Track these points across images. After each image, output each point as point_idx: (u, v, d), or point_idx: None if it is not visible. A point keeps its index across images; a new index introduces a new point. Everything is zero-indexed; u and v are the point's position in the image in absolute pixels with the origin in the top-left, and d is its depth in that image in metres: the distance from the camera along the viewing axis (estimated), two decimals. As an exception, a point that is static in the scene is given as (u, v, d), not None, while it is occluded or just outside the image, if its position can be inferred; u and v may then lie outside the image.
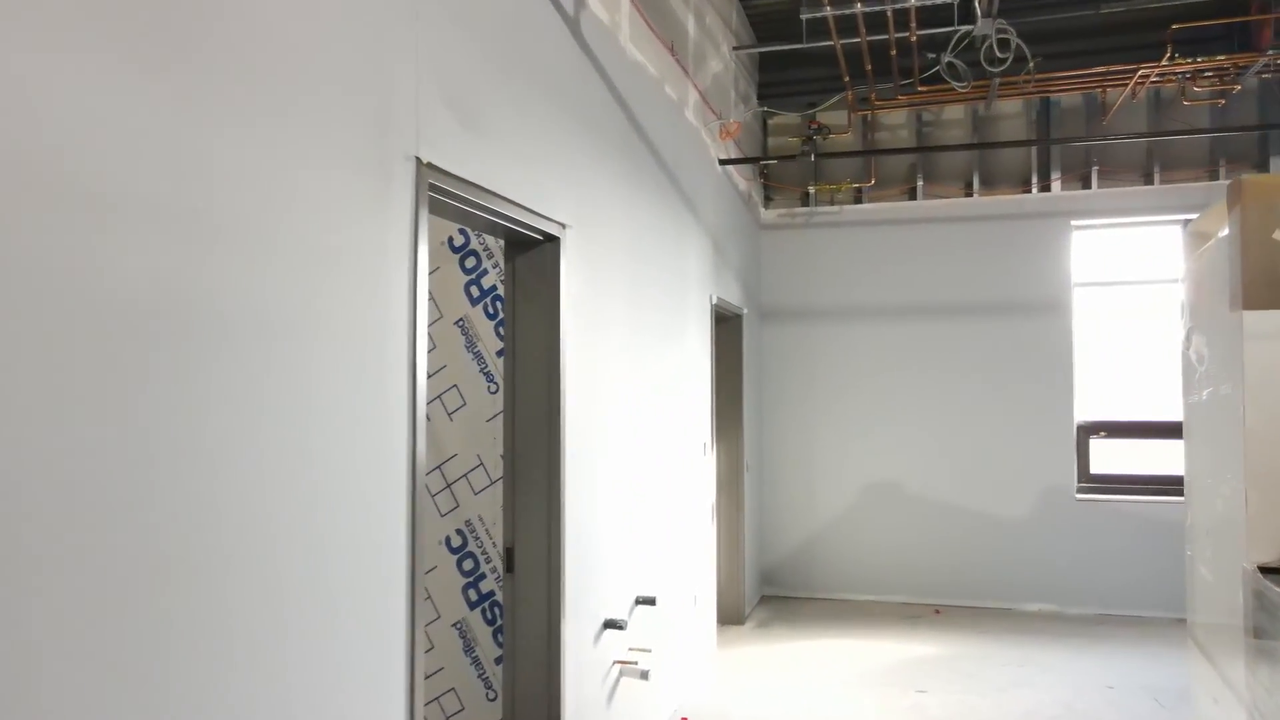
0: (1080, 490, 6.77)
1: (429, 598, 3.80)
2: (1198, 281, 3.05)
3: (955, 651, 5.73)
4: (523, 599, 3.18)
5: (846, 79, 6.33)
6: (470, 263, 3.83)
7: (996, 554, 6.80)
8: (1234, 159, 6.58)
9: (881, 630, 6.23)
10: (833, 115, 6.98)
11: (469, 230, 3.78)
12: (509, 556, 3.18)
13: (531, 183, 2.94)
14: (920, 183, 7.06)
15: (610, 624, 3.61)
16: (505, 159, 2.75)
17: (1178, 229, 6.80)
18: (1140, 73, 5.95)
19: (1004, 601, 6.78)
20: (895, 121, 7.22)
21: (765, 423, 7.32)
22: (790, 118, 7.27)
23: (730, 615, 6.34)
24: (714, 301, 5.55)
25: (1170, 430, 6.74)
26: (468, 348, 3.80)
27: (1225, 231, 2.61)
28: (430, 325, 3.88)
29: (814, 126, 6.83)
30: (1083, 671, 5.35)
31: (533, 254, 3.16)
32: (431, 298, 3.83)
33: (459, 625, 3.79)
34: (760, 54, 7.00)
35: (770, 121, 7.43)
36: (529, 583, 3.17)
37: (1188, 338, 3.20)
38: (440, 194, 2.39)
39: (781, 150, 7.37)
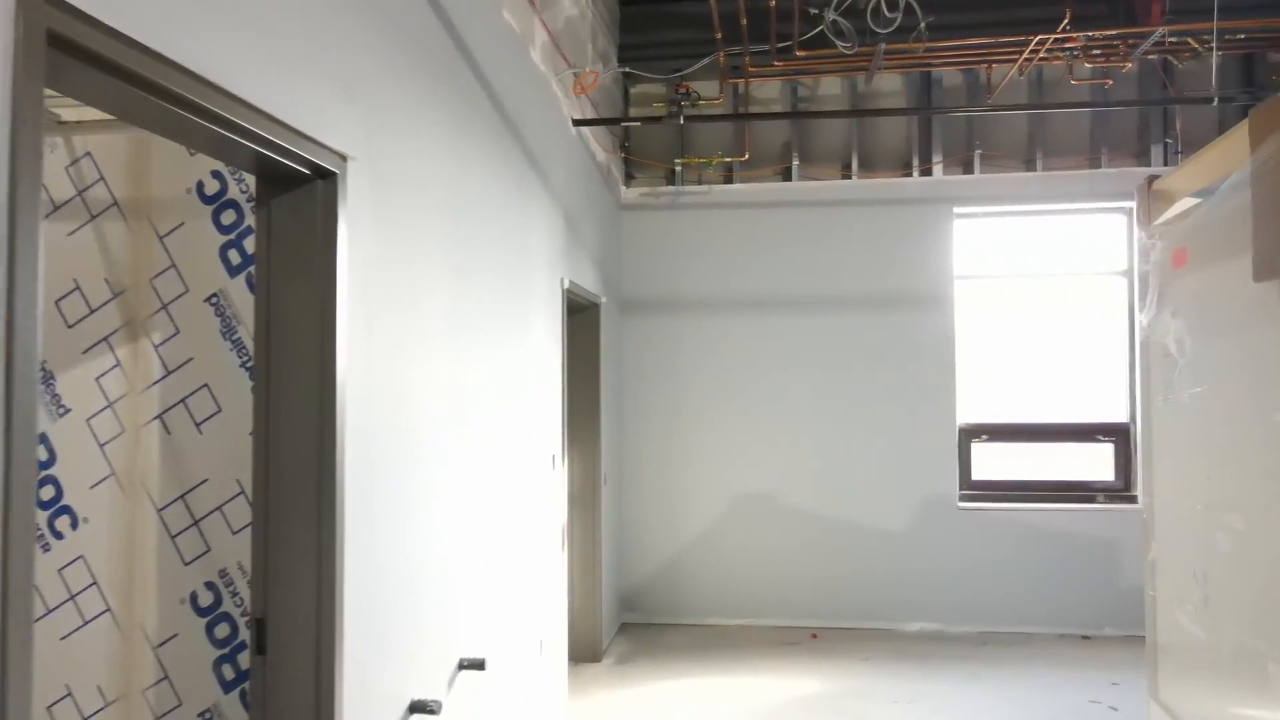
0: (963, 498, 6.28)
1: (165, 678, 2.76)
2: (1174, 253, 2.43)
3: (838, 688, 5.07)
4: (280, 688, 2.21)
5: (718, 35, 5.59)
6: (228, 218, 2.80)
7: (876, 570, 6.23)
8: (1115, 147, 6.25)
9: (755, 662, 5.52)
10: (703, 86, 6.24)
11: (226, 172, 2.76)
12: (259, 631, 2.20)
13: (283, 79, 1.98)
14: (795, 162, 6.41)
15: (418, 707, 2.67)
16: (230, 27, 1.78)
17: (1060, 219, 6.42)
18: (1033, 45, 5.47)
19: (884, 621, 6.21)
20: (769, 95, 6.55)
21: (626, 428, 6.51)
22: (655, 87, 6.49)
23: (585, 651, 5.48)
24: (566, 286, 4.67)
25: (1054, 433, 6.35)
26: (225, 334, 2.78)
27: (1236, 178, 1.96)
28: (171, 303, 2.84)
29: (682, 91, 6.06)
30: (977, 707, 4.78)
31: (295, 196, 2.19)
32: (174, 266, 2.79)
33: (208, 716, 2.76)
34: (622, 9, 6.18)
35: (633, 91, 6.63)
36: (289, 666, 2.20)
37: (1152, 324, 2.58)
38: (75, 53, 1.41)
39: (646, 130, 6.57)
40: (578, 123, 4.93)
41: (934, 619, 6.17)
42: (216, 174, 2.79)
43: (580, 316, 5.52)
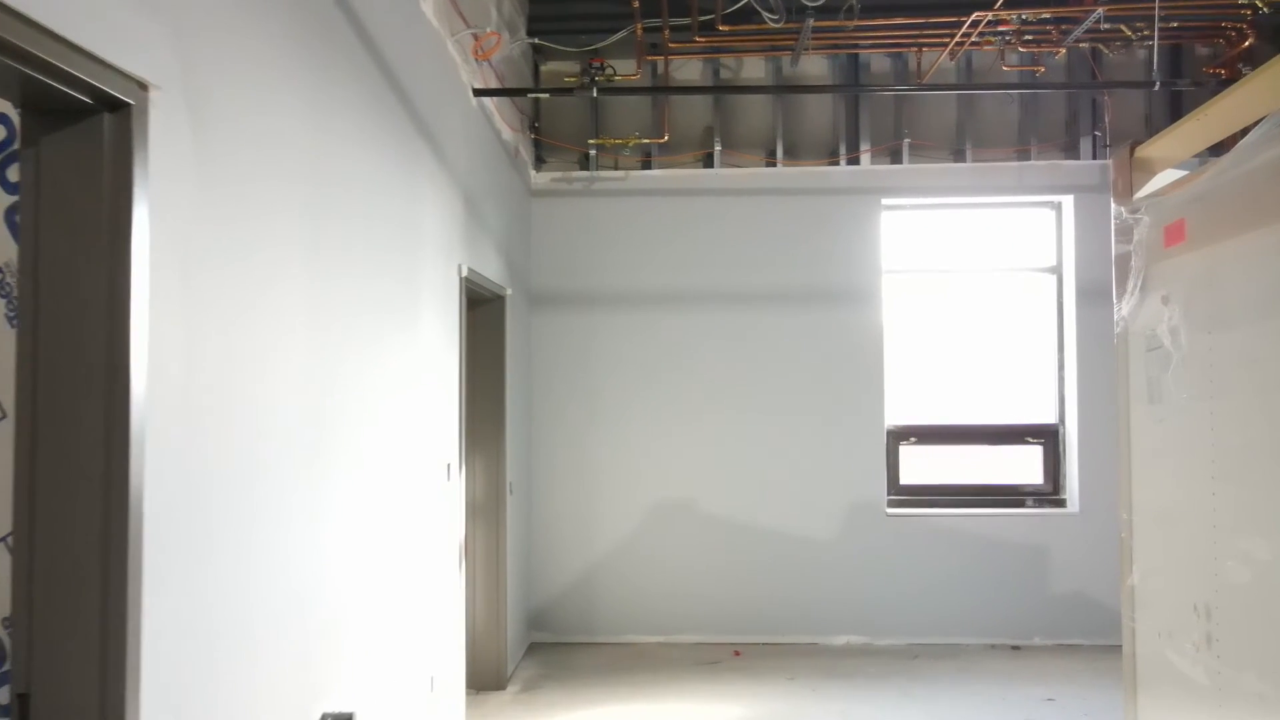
0: (891, 504, 5.98)
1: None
2: (1167, 229, 2.08)
3: (762, 712, 4.68)
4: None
5: (636, 5, 5.15)
6: (18, 174, 2.24)
7: (801, 580, 5.88)
8: (1044, 139, 6.04)
9: (674, 685, 5.09)
10: (620, 65, 5.79)
11: (14, 113, 2.18)
12: (22, 710, 1.65)
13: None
14: (717, 148, 6.01)
15: (261, 787, 2.15)
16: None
17: (988, 214, 6.18)
18: (966, 26, 5.18)
19: (810, 634, 5.87)
20: (689, 76, 6.14)
21: (536, 432, 6.01)
22: (567, 64, 6.01)
23: (488, 678, 4.96)
24: (465, 275, 4.16)
25: (982, 435, 6.10)
26: (8, 315, 2.21)
27: (1271, 127, 1.60)
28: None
29: (597, 64, 5.59)
30: (913, 729, 4.45)
31: (73, 133, 1.65)
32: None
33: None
34: (531, -23, 5.69)
35: (543, 68, 6.13)
36: (69, 758, 1.66)
37: (1134, 313, 2.24)
38: None
39: (556, 102, 6.09)
40: (479, 92, 4.41)
41: (861, 631, 5.85)
42: (3, 118, 2.22)
43: (483, 310, 5.01)
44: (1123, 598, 2.26)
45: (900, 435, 6.07)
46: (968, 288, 6.16)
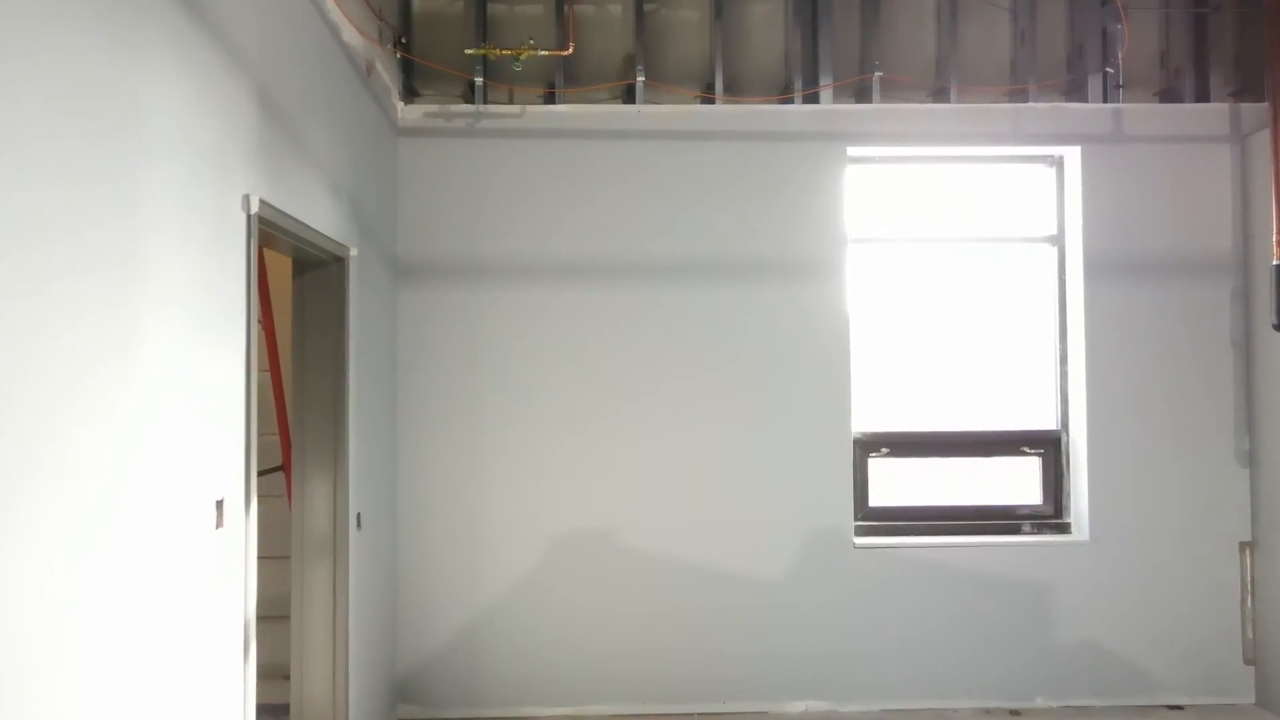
0: (859, 531, 4.75)
1: None
2: None
3: (703, 835, 3.38)
4: None
5: None
6: None
7: (748, 633, 4.60)
8: (1045, 77, 4.89)
9: (582, 788, 3.76)
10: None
11: None
12: None
13: None
14: (640, 79, 4.70)
15: None
16: None
17: (975, 170, 5.00)
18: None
19: (758, 701, 4.59)
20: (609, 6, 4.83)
21: (403, 444, 4.61)
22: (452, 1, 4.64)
23: (320, 790, 3.56)
24: (254, 210, 2.75)
25: (969, 445, 4.92)
26: None
27: None
28: None
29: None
30: None
31: None
32: None
33: None
34: None
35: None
36: None
37: None
38: None
39: (435, 24, 4.71)
40: (289, -50, 3.01)
41: (824, 695, 4.60)
42: None
43: (313, 276, 3.61)
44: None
45: (869, 445, 4.84)
46: (950, 262, 4.97)
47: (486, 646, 4.57)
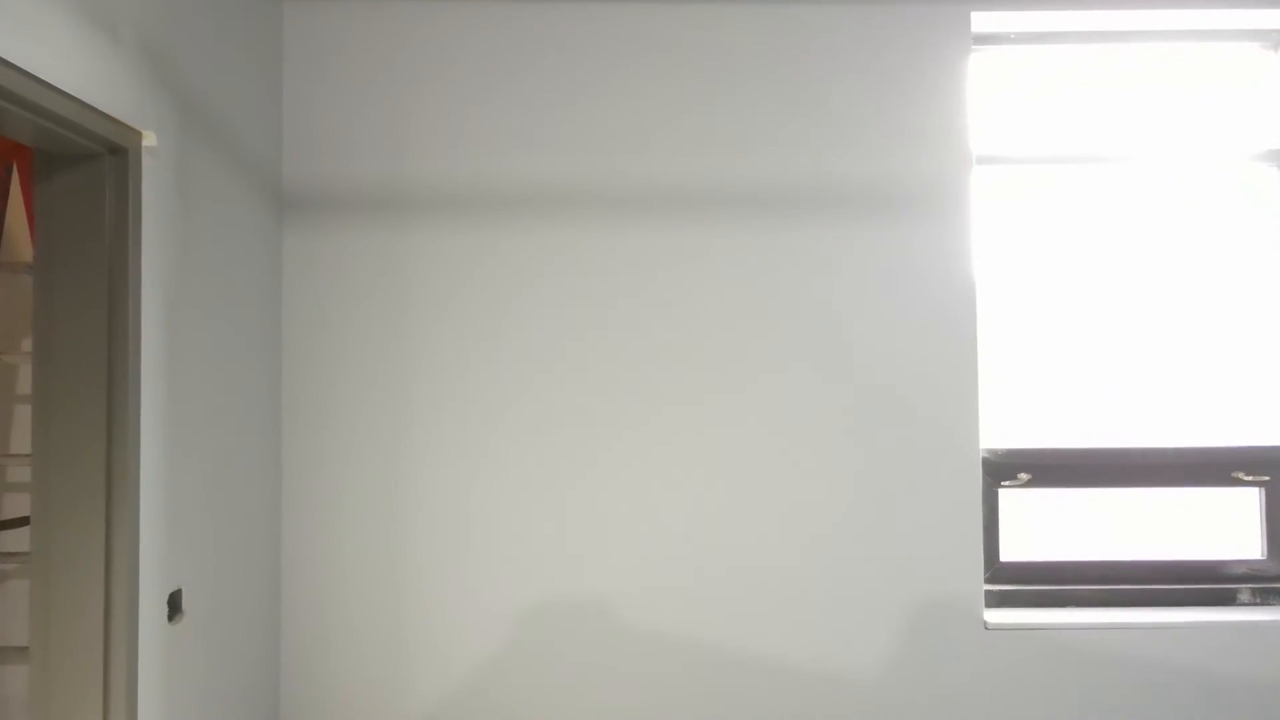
0: (992, 601, 3.12)
1: None
2: None
3: None
4: None
5: None
6: None
7: (823, 761, 2.98)
8: (1265, -86, 3.23)
9: None
10: None
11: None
12: None
13: None
14: (657, -86, 3.10)
15: None
16: None
17: (1158, 47, 3.36)
18: None
19: None
20: None
21: (290, 471, 3.03)
22: None
23: None
24: None
25: (1155, 469, 3.29)
26: None
27: None
28: None
29: None
30: None
31: None
32: None
33: None
34: None
35: None
36: None
37: None
38: None
39: None
40: None
41: None
42: None
43: (64, 181, 2.03)
44: None
45: (1001, 468, 3.21)
46: (1121, 192, 3.33)
47: (421, 778, 2.98)
